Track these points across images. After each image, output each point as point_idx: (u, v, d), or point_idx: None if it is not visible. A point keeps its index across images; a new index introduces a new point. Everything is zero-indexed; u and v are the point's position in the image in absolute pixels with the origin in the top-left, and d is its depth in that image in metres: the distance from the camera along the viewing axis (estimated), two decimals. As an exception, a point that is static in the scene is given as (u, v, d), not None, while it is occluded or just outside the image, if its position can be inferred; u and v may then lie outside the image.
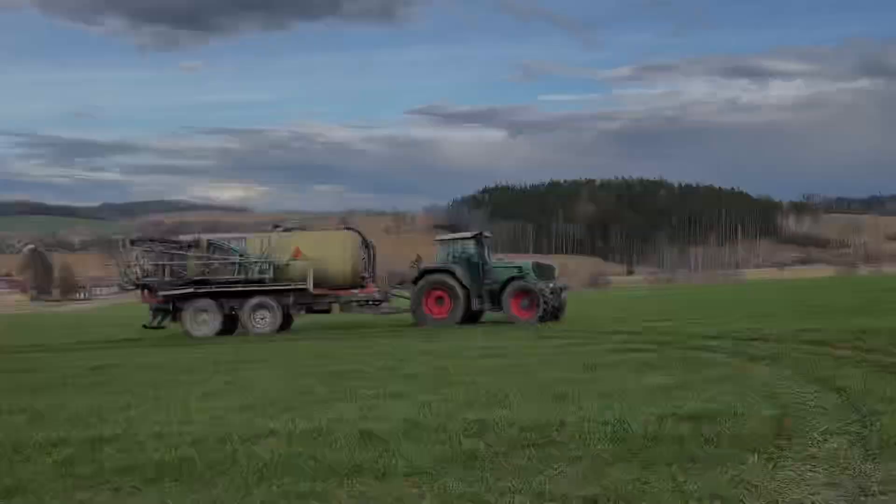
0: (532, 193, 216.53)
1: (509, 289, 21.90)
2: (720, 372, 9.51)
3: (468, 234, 23.63)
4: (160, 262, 22.76)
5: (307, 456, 5.89)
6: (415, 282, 22.90)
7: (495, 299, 22.11)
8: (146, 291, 23.01)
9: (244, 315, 22.41)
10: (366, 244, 24.70)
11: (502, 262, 24.61)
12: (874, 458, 5.22)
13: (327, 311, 23.98)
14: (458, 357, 12.99)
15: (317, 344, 17.59)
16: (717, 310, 25.79)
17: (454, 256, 22.95)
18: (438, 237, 24.69)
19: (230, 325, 22.83)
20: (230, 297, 22.60)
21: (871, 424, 6.14)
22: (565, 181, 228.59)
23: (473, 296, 22.11)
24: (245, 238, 23.93)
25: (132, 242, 23.77)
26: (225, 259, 22.84)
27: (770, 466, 5.17)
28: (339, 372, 11.47)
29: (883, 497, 4.37)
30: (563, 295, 23.29)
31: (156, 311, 22.98)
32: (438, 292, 22.29)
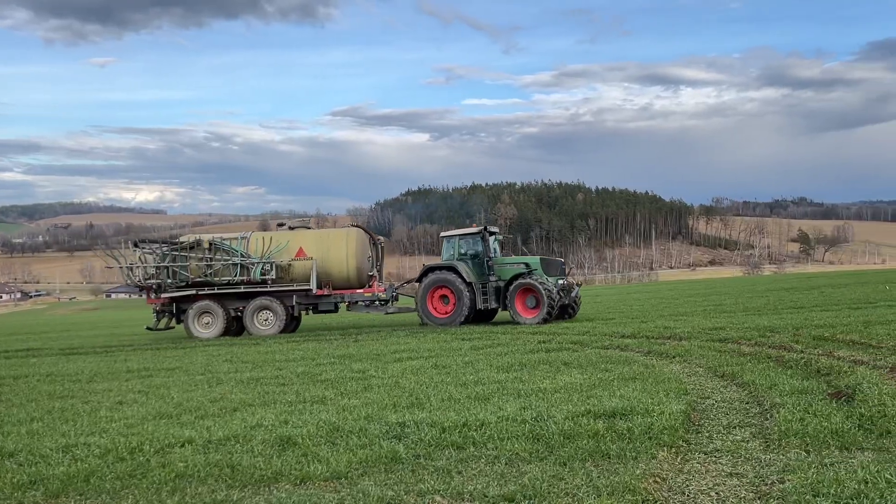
0: (454, 196, 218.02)
1: (514, 286, 20.79)
2: (634, 370, 9.81)
3: (473, 230, 22.23)
4: (162, 264, 22.29)
5: (224, 464, 5.76)
6: (419, 280, 22.04)
7: (501, 297, 21.13)
8: (150, 293, 22.69)
9: (247, 316, 22.00)
10: (373, 242, 23.99)
11: (509, 258, 23.06)
12: (773, 449, 5.52)
13: (333, 311, 23.57)
14: (380, 360, 12.94)
15: (236, 350, 17.16)
16: (633, 310, 26.54)
17: (459, 253, 22.06)
18: (444, 233, 23.56)
19: (235, 326, 22.41)
20: (233, 298, 22.25)
21: (772, 417, 6.48)
22: (487, 184, 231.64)
23: (479, 294, 21.17)
24: (247, 238, 23.16)
25: (135, 244, 23.34)
26: (227, 260, 22.24)
27: (678, 459, 5.39)
28: (258, 378, 11.25)
29: (780, 485, 4.62)
30: (575, 292, 21.86)
31: (159, 313, 22.72)
32: (443, 290, 21.38)
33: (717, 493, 4.66)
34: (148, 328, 23.59)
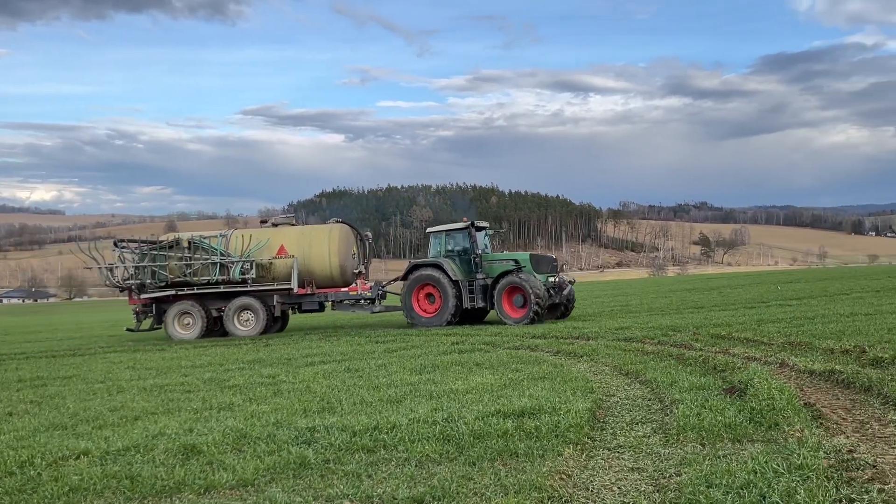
0: (370, 198, 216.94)
1: (501, 284, 19.85)
2: (543, 369, 10.03)
3: (460, 225, 21.18)
4: (141, 264, 21.44)
5: (123, 475, 5.52)
6: (404, 277, 21.20)
7: (488, 296, 20.20)
8: (132, 294, 21.85)
9: (227, 317, 21.26)
10: (360, 238, 23.17)
11: (499, 254, 21.91)
12: (672, 443, 5.76)
13: (318, 311, 22.72)
14: (291, 365, 12.72)
15: (139, 356, 16.48)
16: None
17: (446, 249, 21.12)
18: (430, 228, 22.20)
19: (218, 327, 21.64)
20: (214, 298, 21.47)
21: (672, 412, 6.76)
22: (403, 186, 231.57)
23: (465, 292, 20.27)
24: (227, 236, 22.34)
25: (115, 244, 22.25)
26: (206, 259, 21.35)
27: (583, 456, 5.55)
28: (162, 385, 10.84)
29: (678, 478, 4.82)
30: (568, 290, 20.77)
31: (139, 314, 21.92)
32: (428, 289, 20.57)
33: (619, 488, 4.82)
34: (128, 329, 22.77)
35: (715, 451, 5.36)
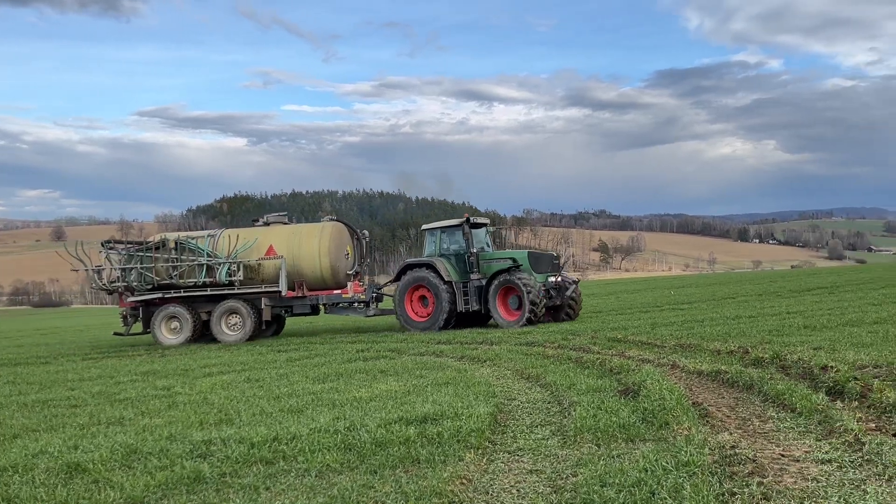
0: (273, 203, 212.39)
1: (495, 285, 18.61)
2: (447, 375, 10.09)
3: (454, 221, 19.88)
4: (128, 266, 20.42)
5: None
6: (396, 278, 20.00)
7: (483, 297, 18.93)
8: (122, 297, 20.84)
9: (214, 321, 20.15)
10: (355, 237, 22.02)
11: (496, 252, 20.39)
12: (569, 445, 5.91)
13: (311, 314, 21.42)
14: (188, 376, 12.26)
15: (21, 370, 15.45)
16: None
17: (441, 248, 19.85)
18: (425, 226, 20.98)
19: (209, 331, 20.50)
20: (202, 301, 20.39)
21: (569, 415, 6.94)
22: (308, 192, 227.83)
23: (460, 294, 19.01)
24: (216, 236, 21.06)
25: (102, 245, 21.15)
26: (193, 260, 20.22)
27: (484, 460, 5.61)
28: (45, 400, 10.21)
29: (574, 478, 4.95)
30: (571, 290, 19.41)
31: (126, 317, 20.93)
32: (421, 291, 19.44)
33: (517, 490, 4.90)
34: (116, 334, 21.79)
35: (609, 451, 5.54)
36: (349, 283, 20.60)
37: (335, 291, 20.61)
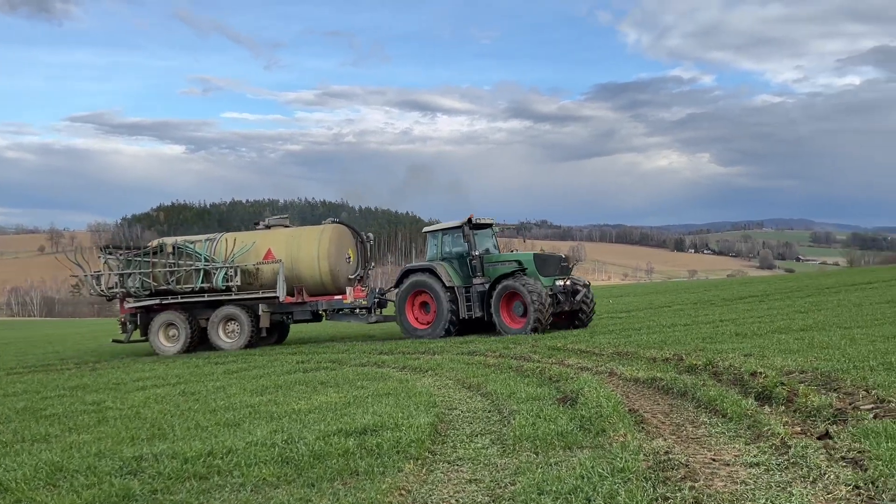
0: (212, 212, 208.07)
1: (498, 290, 17.47)
2: (388, 386, 10.04)
3: (456, 223, 18.65)
4: (126, 271, 19.74)
5: None
6: (397, 284, 19.00)
7: (485, 303, 17.82)
8: (122, 303, 20.23)
9: (211, 328, 19.42)
10: (359, 240, 21.13)
11: (501, 255, 19.12)
12: (509, 453, 5.94)
13: (312, 320, 20.45)
14: (120, 390, 11.87)
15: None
16: (392, 326, 26.98)
17: (444, 251, 18.85)
18: (427, 228, 19.87)
19: (207, 338, 19.76)
20: (201, 308, 19.72)
21: (509, 423, 6.98)
22: (248, 200, 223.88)
23: (462, 300, 18.06)
24: (216, 240, 20.18)
25: (102, 250, 20.59)
26: (190, 265, 19.47)
27: (423, 470, 5.59)
28: (-34, 417, 9.72)
29: (512, 487, 4.98)
30: (582, 294, 18.03)
31: (125, 324, 20.31)
32: (423, 296, 18.57)
33: (457, 500, 4.90)
34: (115, 341, 21.21)
35: (547, 459, 5.59)
36: (349, 289, 19.81)
37: (336, 297, 19.78)
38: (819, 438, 5.48)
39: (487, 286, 17.82)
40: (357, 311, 19.85)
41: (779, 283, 39.93)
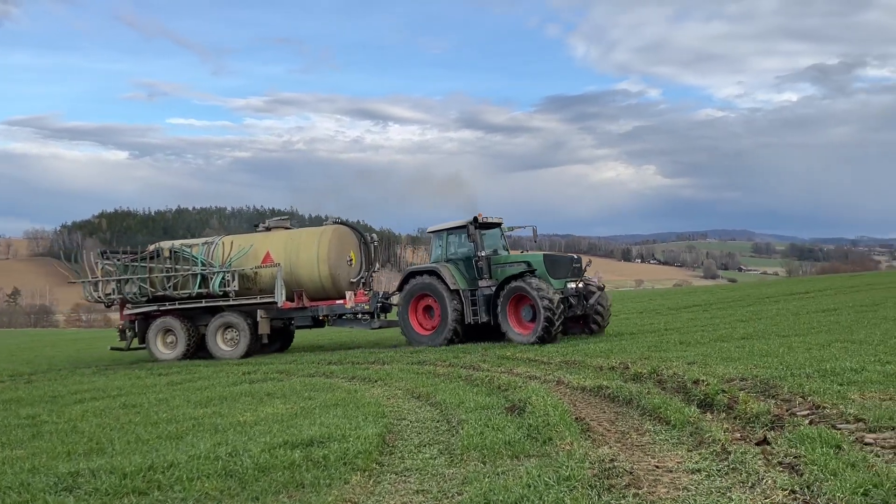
0: (157, 220, 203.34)
1: (504, 293, 16.22)
2: (337, 396, 9.94)
3: (462, 222, 17.50)
4: (123, 277, 19.15)
5: None
6: (400, 287, 17.88)
7: (492, 307, 16.58)
8: (122, 309, 19.68)
9: (209, 336, 18.71)
10: (363, 242, 20.08)
11: (510, 256, 17.82)
12: (456, 463, 5.94)
13: (314, 326, 19.57)
14: (57, 403, 11.46)
15: None
16: (341, 335, 26.75)
17: (449, 252, 17.77)
18: (431, 228, 18.54)
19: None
20: (200, 314, 19.05)
21: (457, 433, 6.98)
22: (194, 208, 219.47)
23: (468, 304, 16.93)
24: (214, 243, 19.37)
25: (101, 254, 19.94)
26: (187, 270, 18.80)
27: (370, 482, 5.54)
28: None
29: (459, 497, 4.97)
30: (597, 298, 16.85)
31: (124, 331, 19.73)
32: (427, 300, 17.42)
33: (404, 512, 4.87)
34: (114, 348, 20.55)
35: (495, 469, 5.60)
36: (348, 293, 18.80)
37: (338, 302, 18.83)
38: (757, 444, 5.63)
39: (494, 289, 16.70)
40: (360, 316, 18.87)
41: (722, 292, 40.99)
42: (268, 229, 20.63)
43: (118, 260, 19.59)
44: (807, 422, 6.08)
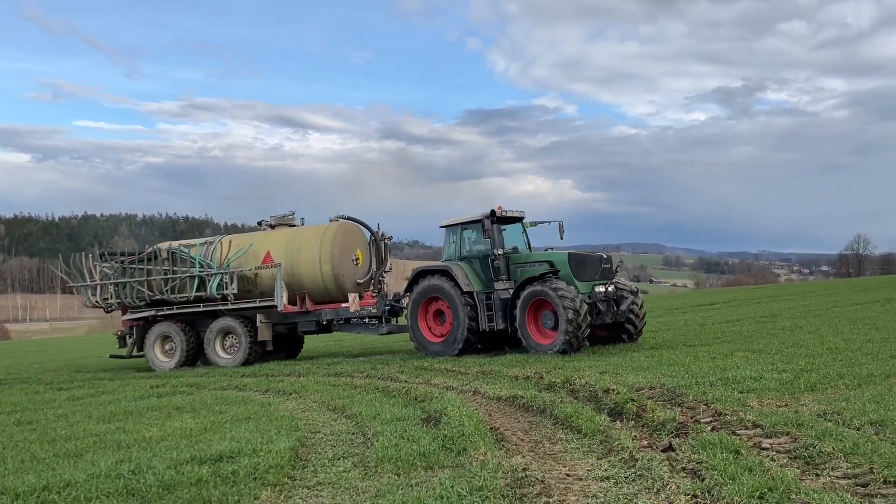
0: (62, 226, 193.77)
1: (523, 297, 14.31)
2: (249, 410, 9.68)
3: (478, 215, 15.42)
4: (122, 280, 18.19)
5: None
6: (408, 288, 16.06)
7: (509, 313, 14.67)
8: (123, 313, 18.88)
9: (208, 342, 17.76)
10: (374, 238, 18.56)
11: (530, 255, 15.77)
12: (370, 476, 5.88)
13: (318, 332, 18.07)
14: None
15: None
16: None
17: (464, 250, 15.86)
18: (444, 222, 16.46)
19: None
20: (201, 318, 18.04)
21: (372, 445, 6.91)
22: (102, 215, 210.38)
23: (482, 309, 15.01)
24: (214, 243, 18.22)
25: (100, 257, 18.82)
26: (184, 272, 17.74)
27: (281, 497, 5.41)
28: None
29: (372, 510, 4.92)
30: (629, 303, 14.91)
31: (124, 338, 19.04)
32: (438, 303, 15.56)
33: (315, 527, 4.77)
34: (113, 356, 19.78)
35: (409, 480, 5.57)
36: (351, 295, 17.43)
37: (343, 305, 17.45)
38: (663, 451, 5.82)
39: (512, 292, 14.89)
40: (367, 320, 17.36)
41: (634, 303, 42.33)
42: (271, 227, 19.34)
43: (116, 263, 18.52)
44: (709, 428, 6.34)
